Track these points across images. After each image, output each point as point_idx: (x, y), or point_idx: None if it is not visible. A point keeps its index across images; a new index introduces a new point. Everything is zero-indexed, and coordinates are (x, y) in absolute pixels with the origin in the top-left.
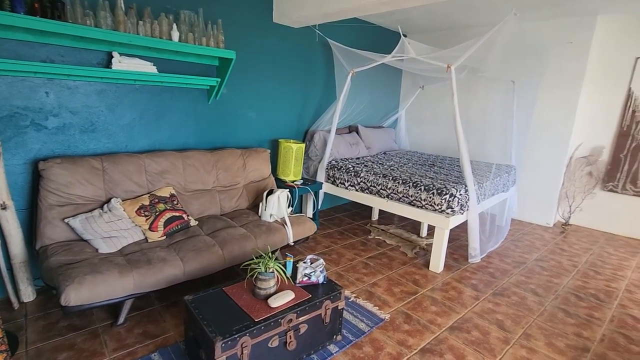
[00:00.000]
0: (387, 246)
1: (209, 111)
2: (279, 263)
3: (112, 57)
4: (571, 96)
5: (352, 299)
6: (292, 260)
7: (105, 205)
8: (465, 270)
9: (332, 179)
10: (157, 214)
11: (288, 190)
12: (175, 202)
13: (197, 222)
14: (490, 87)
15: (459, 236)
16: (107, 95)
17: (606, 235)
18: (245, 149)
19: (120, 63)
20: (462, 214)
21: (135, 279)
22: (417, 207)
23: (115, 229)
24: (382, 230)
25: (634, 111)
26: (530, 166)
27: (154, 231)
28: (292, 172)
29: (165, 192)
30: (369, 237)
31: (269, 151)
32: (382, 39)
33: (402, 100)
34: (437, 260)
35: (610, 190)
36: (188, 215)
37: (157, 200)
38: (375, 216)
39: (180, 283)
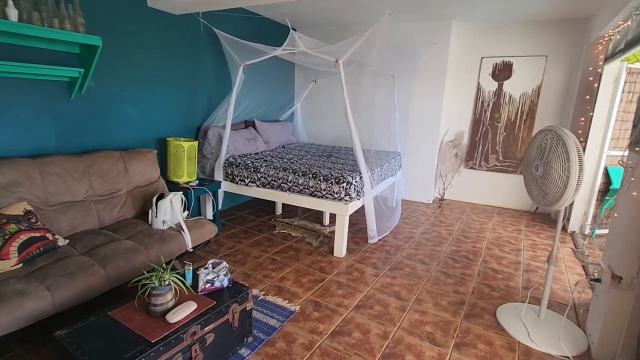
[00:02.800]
0: (292, 239)
1: (73, 108)
2: (176, 273)
3: None
4: (438, 89)
5: (261, 297)
6: (191, 268)
7: None
8: (366, 251)
9: (231, 177)
10: (6, 237)
11: (182, 192)
12: (33, 220)
13: (67, 241)
14: (375, 81)
15: (357, 220)
16: None
17: (470, 205)
18: (126, 151)
19: None
20: (359, 199)
21: None
22: (318, 197)
23: None
24: (287, 223)
25: (482, 102)
26: (411, 151)
27: (4, 259)
28: (186, 173)
29: (17, 210)
30: (274, 232)
31: (155, 151)
32: (273, 32)
33: (296, 93)
34: (340, 246)
35: (471, 168)
36: (54, 234)
37: (5, 220)
38: (279, 210)
39: (52, 316)
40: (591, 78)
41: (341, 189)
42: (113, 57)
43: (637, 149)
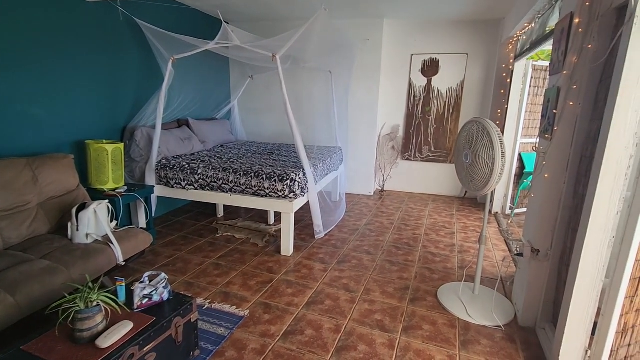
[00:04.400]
0: (237, 241)
1: None
2: (106, 292)
3: None
4: (374, 85)
5: (206, 306)
6: (124, 284)
7: None
8: (313, 247)
9: (165, 180)
10: None
11: (107, 201)
12: None
13: None
14: (313, 77)
15: (303, 217)
16: None
17: (409, 194)
18: (33, 157)
19: None
20: (304, 196)
21: None
22: (262, 196)
23: None
24: (230, 225)
25: (414, 96)
26: (352, 146)
27: None
28: (111, 179)
29: None
30: (217, 235)
31: (72, 156)
32: (203, 24)
33: (233, 90)
34: (287, 244)
35: (407, 159)
36: None
37: None
38: (220, 212)
39: None
40: (504, 74)
41: (285, 187)
42: (5, 46)
43: (546, 136)
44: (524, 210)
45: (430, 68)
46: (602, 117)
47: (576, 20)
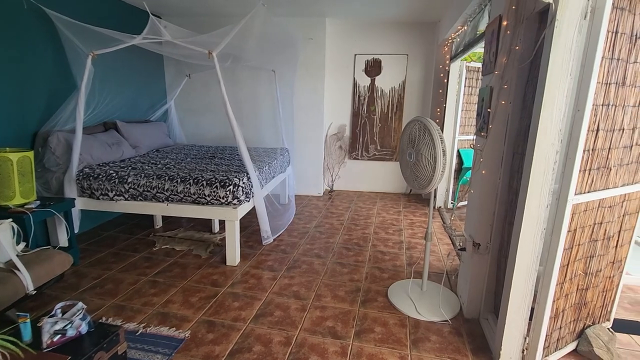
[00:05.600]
0: (177, 254)
1: None
2: (4, 332)
3: None
4: (319, 84)
5: (140, 332)
6: (28, 320)
7: None
8: (261, 254)
9: (89, 192)
10: None
11: (11, 220)
12: None
13: None
14: (256, 76)
15: (250, 222)
16: None
17: (358, 193)
18: None
19: None
20: (249, 201)
21: None
22: (203, 204)
23: None
24: (169, 237)
25: (359, 96)
26: (299, 146)
27: None
28: (19, 193)
29: None
30: (154, 249)
31: None
32: (131, 18)
33: (169, 89)
34: (233, 253)
35: (354, 158)
36: None
37: None
38: (159, 223)
39: None
40: (442, 75)
41: (228, 193)
42: None
43: (482, 134)
44: (465, 203)
45: (374, 68)
46: (531, 115)
47: (504, 23)
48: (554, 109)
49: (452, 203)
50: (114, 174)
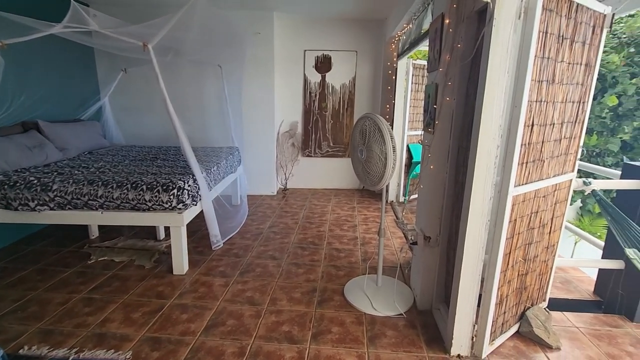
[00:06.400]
0: (117, 266)
1: None
2: None
3: None
4: (268, 81)
5: (72, 358)
6: None
7: None
8: (212, 260)
9: (4, 202)
10: None
11: None
12: None
13: None
14: (201, 71)
15: (200, 226)
16: None
17: (312, 191)
18: None
19: None
20: (196, 204)
21: None
22: (144, 210)
23: None
24: (107, 247)
25: (310, 92)
26: (250, 145)
27: None
28: None
29: None
30: (90, 262)
31: None
32: (51, 4)
33: (102, 85)
34: (180, 261)
35: (308, 156)
36: None
37: None
38: (95, 233)
39: None
40: (390, 72)
41: (172, 197)
42: None
43: (429, 130)
44: (416, 196)
45: (324, 64)
46: (473, 111)
47: (447, 21)
48: (494, 106)
49: (403, 197)
50: (36, 181)
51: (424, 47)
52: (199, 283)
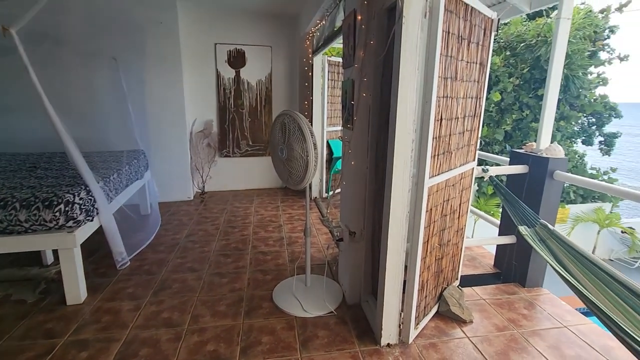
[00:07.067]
0: None
1: None
2: None
3: None
4: (176, 76)
5: None
6: None
7: None
8: (118, 282)
9: None
10: None
11: None
12: None
13: None
14: (95, 65)
15: (101, 243)
16: None
17: (233, 193)
18: None
19: None
20: (92, 220)
21: None
22: (19, 233)
23: None
24: None
25: (224, 89)
26: (159, 147)
27: None
28: None
29: None
30: None
31: None
32: None
33: None
34: (75, 289)
35: (226, 156)
36: None
37: None
38: None
39: None
40: (306, 68)
41: (57, 214)
42: None
43: (348, 126)
44: (339, 191)
45: (237, 59)
46: (388, 107)
47: (359, 18)
48: (407, 101)
49: (326, 193)
50: None
51: (338, 44)
52: (102, 311)
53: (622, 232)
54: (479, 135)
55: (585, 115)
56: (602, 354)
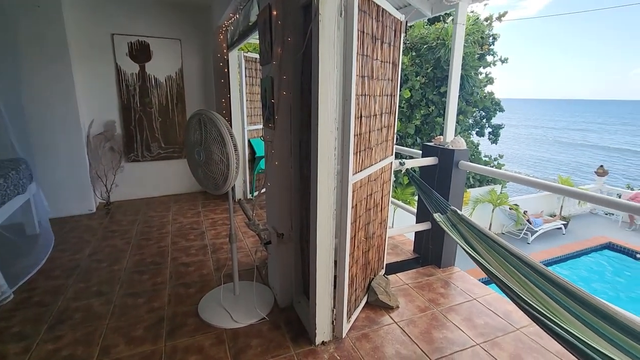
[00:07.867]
0: None
1: None
2: None
3: None
4: (64, 70)
5: None
6: None
7: None
8: None
9: None
10: None
11: None
12: None
13: None
14: None
15: None
16: None
17: (145, 200)
18: None
19: None
20: None
21: None
22: None
23: None
24: None
25: (127, 85)
26: (47, 154)
27: None
28: None
29: None
30: None
31: None
32: None
33: None
34: None
35: (134, 161)
36: None
37: None
38: None
39: None
40: (221, 64)
41: None
42: None
43: (270, 125)
44: (264, 191)
45: (140, 52)
46: (309, 105)
47: (274, 13)
48: (328, 99)
49: (251, 194)
50: None
51: (254, 39)
52: None
53: (509, 208)
54: (395, 131)
55: (478, 109)
56: (504, 318)
